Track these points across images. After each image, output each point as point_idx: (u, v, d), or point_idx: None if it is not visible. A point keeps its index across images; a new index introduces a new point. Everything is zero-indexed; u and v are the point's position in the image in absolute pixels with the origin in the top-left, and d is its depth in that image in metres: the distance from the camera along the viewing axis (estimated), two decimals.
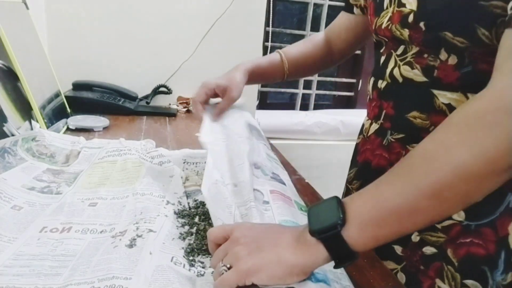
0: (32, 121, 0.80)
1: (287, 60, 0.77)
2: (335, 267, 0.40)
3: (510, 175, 0.37)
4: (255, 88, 1.51)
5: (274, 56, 0.78)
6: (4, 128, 0.73)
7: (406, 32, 0.55)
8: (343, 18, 0.79)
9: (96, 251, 0.46)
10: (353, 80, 1.91)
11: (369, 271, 0.50)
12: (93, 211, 0.55)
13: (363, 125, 0.71)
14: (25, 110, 0.81)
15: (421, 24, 0.52)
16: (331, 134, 1.68)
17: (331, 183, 0.77)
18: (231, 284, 0.39)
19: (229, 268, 0.39)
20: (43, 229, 0.50)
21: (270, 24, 1.58)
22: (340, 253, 0.39)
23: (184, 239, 0.51)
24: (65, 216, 0.53)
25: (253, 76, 0.74)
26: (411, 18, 0.53)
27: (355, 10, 0.74)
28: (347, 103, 1.97)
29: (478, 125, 0.36)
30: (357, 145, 0.73)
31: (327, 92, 1.94)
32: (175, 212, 0.57)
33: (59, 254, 0.45)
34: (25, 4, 0.97)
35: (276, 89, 1.89)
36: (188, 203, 0.61)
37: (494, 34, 0.47)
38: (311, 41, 0.82)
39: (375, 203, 0.38)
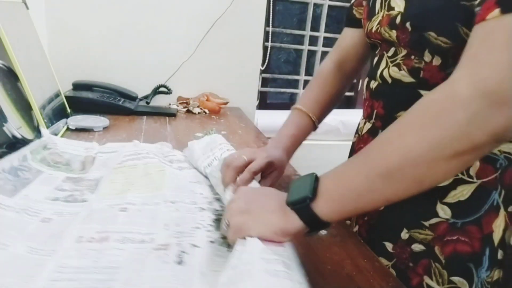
0: (42, 129, 0.79)
1: (314, 115, 0.74)
2: (309, 233, 0.46)
3: (464, 163, 0.40)
4: (255, 88, 1.51)
5: (301, 118, 0.74)
6: (4, 128, 0.73)
7: (394, 33, 0.56)
8: (350, 35, 0.77)
9: (142, 264, 0.44)
10: (353, 80, 1.91)
11: (369, 271, 0.50)
12: (126, 218, 0.54)
13: (358, 124, 0.73)
14: (25, 110, 0.81)
15: (407, 25, 0.54)
16: (331, 134, 1.68)
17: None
18: (232, 239, 0.47)
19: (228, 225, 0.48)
20: (80, 239, 0.48)
21: (270, 24, 1.58)
22: (311, 222, 0.45)
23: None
24: (98, 223, 0.52)
25: (290, 153, 0.72)
26: (398, 19, 0.55)
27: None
28: (347, 103, 1.97)
29: (427, 113, 0.39)
30: (353, 144, 0.75)
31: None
32: (213, 221, 0.56)
33: (103, 266, 0.44)
34: (25, 4, 0.97)
35: (276, 89, 1.89)
36: (221, 206, 0.61)
37: None
38: (323, 78, 0.78)
39: (339, 181, 0.44)
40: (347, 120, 1.67)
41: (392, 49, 0.59)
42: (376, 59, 0.63)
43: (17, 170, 0.62)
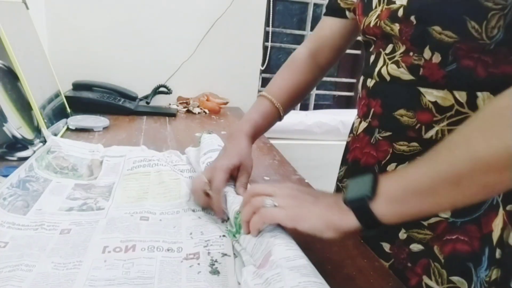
0: (43, 130, 0.78)
1: (279, 103, 0.70)
2: (364, 232, 0.45)
3: None
4: (255, 88, 1.51)
5: (264, 105, 0.70)
6: (4, 128, 0.73)
7: (396, 27, 0.55)
8: (330, 24, 0.73)
9: (177, 274, 0.44)
10: (353, 80, 1.91)
11: (369, 271, 0.50)
12: (149, 227, 0.53)
13: (353, 123, 0.72)
14: (25, 110, 0.81)
15: (412, 18, 0.53)
16: (331, 134, 1.68)
17: (331, 183, 0.77)
18: (276, 218, 0.46)
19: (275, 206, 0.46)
20: (105, 249, 0.48)
21: (270, 24, 1.58)
22: (368, 222, 0.43)
23: None
24: (120, 233, 0.51)
25: (254, 138, 0.69)
26: (401, 12, 0.54)
27: (348, 14, 0.71)
28: (347, 103, 1.97)
29: (499, 120, 0.38)
30: (347, 143, 0.73)
31: (327, 92, 1.94)
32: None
33: (135, 277, 0.43)
34: (25, 4, 0.97)
35: None
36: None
37: (484, 28, 0.47)
38: (295, 67, 0.75)
39: (401, 183, 0.42)
40: (347, 120, 1.67)
41: (390, 46, 0.58)
42: (372, 57, 0.62)
43: (25, 183, 0.60)
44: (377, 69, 0.60)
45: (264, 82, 1.83)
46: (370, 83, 0.62)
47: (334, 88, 1.98)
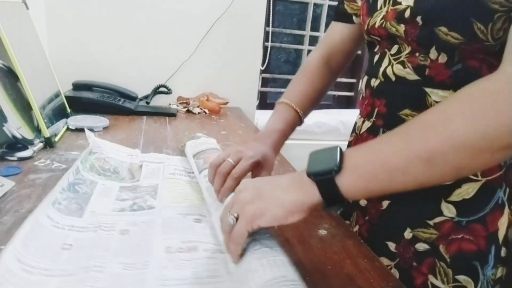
0: (86, 129, 0.77)
1: (300, 109, 0.71)
2: (325, 208, 0.43)
3: (504, 156, 0.38)
4: (255, 88, 1.51)
5: (287, 112, 0.71)
6: (4, 128, 0.73)
7: (402, 28, 0.55)
8: (339, 30, 0.75)
9: (249, 272, 0.42)
10: (353, 80, 1.91)
11: (369, 271, 0.50)
12: (204, 229, 0.54)
13: (355, 123, 0.72)
14: (25, 110, 0.81)
15: (418, 19, 0.53)
16: (331, 134, 1.68)
17: None
18: (242, 232, 0.42)
19: (236, 218, 0.43)
20: (168, 250, 0.49)
21: (270, 24, 1.58)
22: (331, 197, 0.41)
23: None
24: (179, 234, 0.52)
25: (278, 147, 0.68)
26: (407, 13, 0.54)
27: (355, 19, 0.72)
28: (347, 103, 1.97)
29: (481, 101, 0.37)
30: (349, 143, 0.74)
31: (327, 92, 1.94)
32: None
33: (205, 276, 0.44)
34: (25, 4, 0.97)
35: (276, 89, 1.89)
36: None
37: (489, 30, 0.48)
38: (310, 73, 0.76)
39: (371, 158, 0.41)
40: (347, 120, 1.67)
41: (396, 47, 0.58)
42: (377, 57, 0.62)
43: (75, 185, 0.61)
44: (382, 69, 0.60)
45: (264, 82, 1.83)
46: (375, 82, 0.62)
47: (334, 88, 1.98)
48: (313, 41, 1.87)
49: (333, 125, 1.68)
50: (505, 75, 0.38)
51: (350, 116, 1.69)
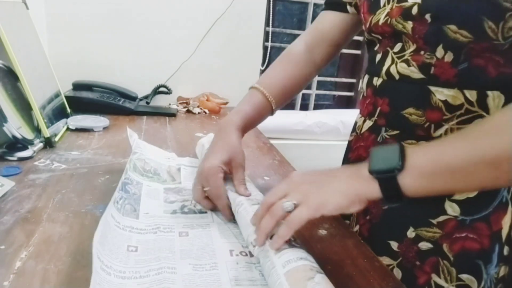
0: (128, 129, 0.76)
1: (271, 96, 0.67)
2: (383, 204, 0.45)
3: None
4: None
5: (256, 97, 0.68)
6: (4, 128, 0.73)
7: (409, 25, 0.54)
8: (330, 18, 0.71)
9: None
10: (353, 80, 1.91)
11: (369, 271, 0.50)
12: None
13: (355, 122, 0.71)
14: (25, 110, 0.81)
15: (427, 16, 0.52)
16: (331, 134, 1.68)
17: None
18: (303, 218, 0.43)
19: (295, 205, 0.44)
20: (232, 253, 0.49)
21: (270, 24, 1.57)
22: (391, 194, 0.43)
23: None
24: (238, 238, 0.53)
25: (244, 131, 0.65)
26: (415, 10, 0.53)
27: (349, 8, 0.69)
28: (347, 103, 1.97)
29: None
30: (349, 142, 0.73)
31: (327, 92, 1.94)
32: None
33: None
34: (25, 4, 0.97)
35: None
36: None
37: (500, 29, 0.47)
38: (290, 60, 0.72)
39: (435, 158, 0.42)
40: (347, 120, 1.67)
41: (399, 45, 0.57)
42: (379, 56, 0.61)
43: (125, 185, 0.61)
44: (385, 68, 0.59)
45: None
46: (377, 81, 0.61)
47: (334, 88, 1.98)
48: None
49: (333, 125, 1.67)
50: None
51: (350, 116, 1.68)
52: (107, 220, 0.50)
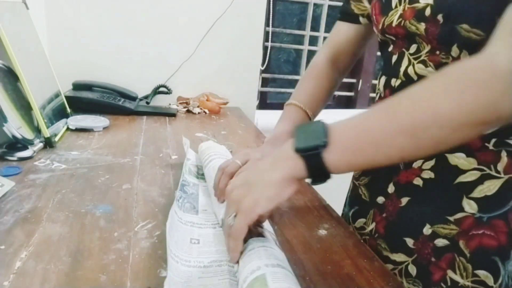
0: (184, 138, 0.80)
1: (309, 110, 0.72)
2: (311, 183, 0.45)
3: (481, 131, 0.41)
4: (255, 88, 1.51)
5: (296, 113, 0.72)
6: (4, 128, 0.73)
7: (422, 26, 0.55)
8: (345, 30, 0.75)
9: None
10: (353, 80, 1.91)
11: (369, 271, 0.50)
12: None
13: None
14: (25, 110, 0.81)
15: (439, 17, 0.53)
16: None
17: (331, 182, 0.77)
18: (242, 226, 0.44)
19: (235, 215, 0.45)
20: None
21: (270, 24, 1.58)
22: (316, 171, 0.43)
23: None
24: None
25: None
26: (428, 11, 0.54)
27: (362, 19, 0.72)
28: (347, 103, 1.97)
29: (465, 79, 0.39)
30: None
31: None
32: None
33: None
34: (25, 4, 0.97)
35: (276, 89, 1.89)
36: None
37: None
38: (317, 74, 0.76)
39: (357, 133, 0.43)
40: None
41: (414, 46, 0.57)
42: (395, 57, 0.61)
43: (183, 186, 0.65)
44: (402, 69, 0.59)
45: (264, 82, 1.83)
46: (396, 82, 0.61)
47: None
48: (313, 41, 1.87)
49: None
50: (488, 56, 0.40)
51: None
52: (172, 214, 0.54)
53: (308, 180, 0.45)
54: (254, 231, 0.48)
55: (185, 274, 0.45)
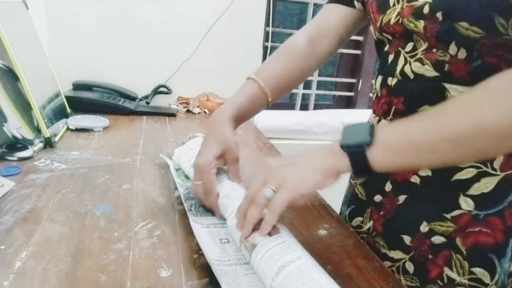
0: (163, 156, 0.79)
1: (267, 87, 0.66)
2: (354, 176, 0.48)
3: None
4: None
5: (251, 88, 0.66)
6: (4, 128, 0.73)
7: (421, 24, 0.54)
8: (335, 12, 0.70)
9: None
10: (353, 80, 1.91)
11: (369, 271, 0.50)
12: None
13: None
14: (25, 110, 0.81)
15: (438, 14, 0.53)
16: (331, 134, 1.68)
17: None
18: (284, 202, 0.46)
19: (274, 191, 0.46)
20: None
21: (270, 24, 1.57)
22: (360, 167, 0.45)
23: None
24: None
25: (238, 122, 0.64)
26: (426, 9, 0.54)
27: (356, 3, 0.69)
28: (347, 103, 1.97)
29: (510, 90, 0.40)
30: None
31: (327, 92, 1.94)
32: None
33: None
34: (25, 4, 0.97)
35: None
36: None
37: (510, 24, 0.48)
38: (291, 52, 0.70)
39: (401, 135, 0.45)
40: (347, 120, 1.67)
41: (410, 44, 0.57)
42: (391, 56, 0.61)
43: (188, 194, 0.64)
44: (399, 68, 0.59)
45: None
46: (392, 81, 0.61)
47: (334, 88, 1.98)
48: None
49: (333, 125, 1.67)
50: None
51: (350, 116, 1.69)
52: (192, 226, 0.54)
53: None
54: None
55: (231, 274, 0.46)
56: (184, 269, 0.48)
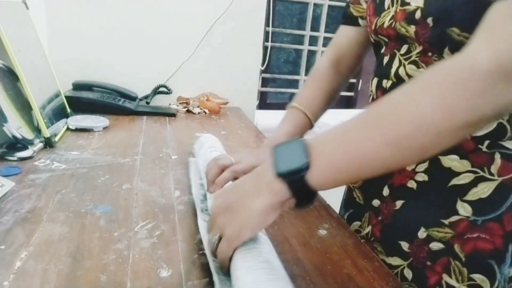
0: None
1: (310, 113, 0.73)
2: (296, 207, 0.44)
3: (464, 135, 0.39)
4: (255, 88, 1.51)
5: (297, 116, 0.73)
6: (4, 128, 0.73)
7: (412, 29, 0.54)
8: (346, 33, 0.76)
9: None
10: (353, 80, 1.91)
11: (369, 271, 0.50)
12: None
13: None
14: (25, 110, 0.81)
15: (429, 20, 0.52)
16: None
17: None
18: (228, 253, 0.44)
19: (219, 237, 0.45)
20: None
21: (270, 24, 1.58)
22: (301, 193, 0.42)
23: None
24: None
25: None
26: (418, 14, 0.53)
27: (361, 22, 0.73)
28: (347, 103, 1.97)
29: (444, 81, 0.38)
30: None
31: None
32: None
33: None
34: (25, 4, 0.97)
35: (276, 89, 1.89)
36: None
37: None
38: (320, 77, 0.77)
39: (340, 149, 0.41)
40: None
41: (405, 46, 0.57)
42: (386, 58, 0.61)
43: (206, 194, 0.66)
44: (393, 70, 0.59)
45: (264, 82, 1.83)
46: (387, 84, 0.61)
47: None
48: (313, 41, 1.87)
49: (333, 125, 1.67)
50: (467, 55, 0.39)
51: (350, 116, 1.69)
52: (200, 223, 0.54)
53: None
54: None
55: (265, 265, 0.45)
56: (184, 269, 0.48)
